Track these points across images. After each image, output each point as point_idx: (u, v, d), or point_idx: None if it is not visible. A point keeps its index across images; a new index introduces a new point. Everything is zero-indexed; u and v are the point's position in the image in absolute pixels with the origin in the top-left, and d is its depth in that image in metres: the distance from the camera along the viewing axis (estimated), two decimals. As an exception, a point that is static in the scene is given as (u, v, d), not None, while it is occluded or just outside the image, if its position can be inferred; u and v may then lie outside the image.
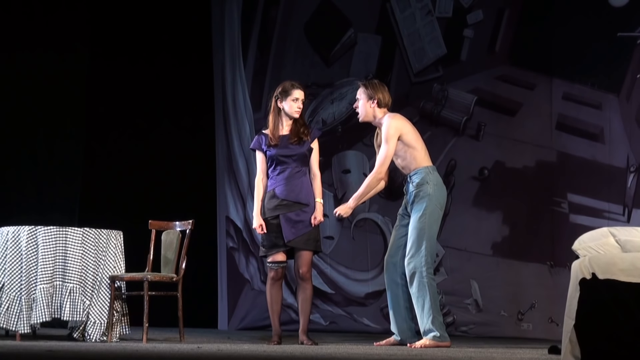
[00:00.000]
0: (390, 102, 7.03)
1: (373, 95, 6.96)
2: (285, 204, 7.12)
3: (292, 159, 7.14)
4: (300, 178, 7.15)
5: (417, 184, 6.88)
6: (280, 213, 7.11)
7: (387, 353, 6.03)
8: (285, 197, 7.12)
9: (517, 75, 8.76)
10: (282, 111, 7.19)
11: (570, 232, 7.90)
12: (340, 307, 9.58)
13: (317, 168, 7.23)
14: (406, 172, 6.98)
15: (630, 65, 8.20)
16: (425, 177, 6.88)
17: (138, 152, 10.38)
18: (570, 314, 4.85)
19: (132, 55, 10.39)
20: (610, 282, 4.74)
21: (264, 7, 10.28)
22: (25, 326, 7.14)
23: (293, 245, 7.13)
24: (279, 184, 7.15)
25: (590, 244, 5.19)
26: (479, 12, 9.05)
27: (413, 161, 6.93)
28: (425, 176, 6.88)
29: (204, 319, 9.94)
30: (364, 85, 7.05)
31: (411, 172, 6.93)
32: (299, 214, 7.11)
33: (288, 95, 7.17)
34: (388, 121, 6.92)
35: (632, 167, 8.16)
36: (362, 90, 7.03)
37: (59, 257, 7.23)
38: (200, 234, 7.99)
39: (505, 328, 8.64)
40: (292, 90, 7.17)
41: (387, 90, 7.05)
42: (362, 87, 7.03)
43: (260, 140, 7.23)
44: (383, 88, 7.03)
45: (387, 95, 7.01)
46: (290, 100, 7.16)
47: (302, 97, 7.19)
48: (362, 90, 7.02)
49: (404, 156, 6.95)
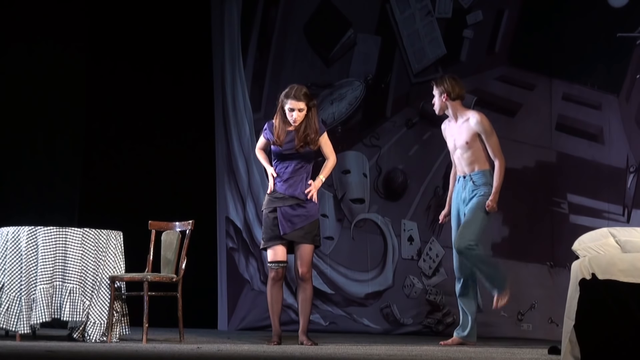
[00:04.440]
0: (463, 93, 7.41)
1: (443, 90, 7.34)
2: (282, 197, 7.15)
3: (295, 156, 7.16)
4: (301, 174, 7.18)
5: (478, 184, 7.27)
6: (277, 206, 7.13)
7: (387, 353, 6.03)
8: (284, 191, 7.15)
9: (516, 75, 8.77)
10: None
11: (570, 232, 7.91)
12: (340, 308, 9.58)
13: (330, 153, 7.26)
14: (467, 169, 7.32)
15: (630, 65, 8.20)
16: (489, 179, 7.26)
17: (138, 153, 10.38)
18: (570, 315, 4.85)
19: (132, 55, 10.39)
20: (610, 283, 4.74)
21: (264, 8, 10.28)
22: (25, 326, 7.14)
23: (290, 239, 7.13)
24: (279, 179, 7.18)
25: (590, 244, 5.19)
26: (479, 13, 9.05)
27: (480, 161, 7.30)
28: (489, 179, 7.26)
29: (203, 320, 9.94)
30: (434, 81, 7.44)
31: (474, 171, 7.30)
32: (295, 208, 7.13)
33: (285, 103, 7.17)
34: (483, 117, 7.33)
35: (632, 168, 8.16)
36: (434, 87, 7.42)
37: (58, 257, 7.22)
38: (200, 234, 7.99)
39: (505, 328, 8.64)
40: (286, 100, 7.16)
41: (458, 83, 7.38)
42: (434, 85, 7.42)
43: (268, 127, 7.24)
44: (454, 82, 7.38)
45: (457, 88, 7.36)
46: (286, 109, 7.17)
47: (301, 107, 7.12)
48: (435, 88, 7.41)
49: (475, 153, 7.29)
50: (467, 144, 7.31)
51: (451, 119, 7.45)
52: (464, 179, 7.35)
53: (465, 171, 7.35)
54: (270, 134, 7.22)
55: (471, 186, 7.29)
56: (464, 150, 7.32)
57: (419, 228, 9.22)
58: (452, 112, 7.40)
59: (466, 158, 7.33)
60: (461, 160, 7.36)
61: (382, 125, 9.51)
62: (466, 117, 7.36)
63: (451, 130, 7.44)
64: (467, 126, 7.33)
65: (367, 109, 9.64)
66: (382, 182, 9.48)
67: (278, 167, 7.22)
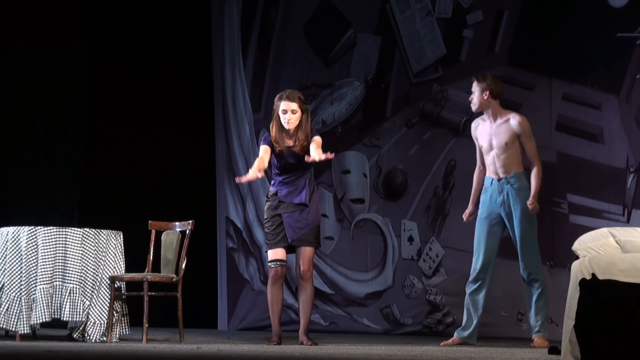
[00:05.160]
0: (503, 92, 7.39)
1: (486, 87, 7.28)
2: (286, 204, 7.16)
3: (295, 166, 7.16)
4: (303, 181, 7.19)
5: (517, 188, 7.24)
6: (282, 212, 7.15)
7: (387, 353, 6.03)
8: (289, 200, 7.17)
9: (516, 75, 8.76)
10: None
11: (570, 232, 7.90)
12: (340, 308, 9.58)
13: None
14: (501, 170, 7.27)
15: (630, 65, 8.20)
16: (524, 183, 7.26)
17: (138, 152, 10.38)
18: (570, 315, 4.85)
19: (131, 55, 10.39)
20: (610, 283, 4.74)
21: (264, 8, 10.27)
22: (25, 326, 7.14)
23: (294, 244, 7.19)
24: (282, 187, 7.20)
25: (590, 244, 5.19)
26: (479, 13, 9.05)
27: (516, 163, 7.27)
28: (524, 182, 7.27)
29: (203, 320, 9.94)
30: (476, 78, 7.36)
31: (510, 174, 7.25)
32: (300, 214, 7.15)
33: (279, 106, 7.16)
34: (524, 119, 7.31)
35: (632, 168, 8.16)
36: (475, 83, 7.34)
37: (58, 257, 7.23)
38: (200, 234, 7.99)
39: (505, 328, 8.64)
40: (280, 102, 7.16)
41: (499, 82, 7.37)
42: (475, 81, 7.35)
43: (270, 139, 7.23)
44: (496, 80, 7.35)
45: (499, 87, 7.33)
46: (280, 111, 7.16)
47: (293, 108, 7.12)
48: (476, 84, 7.33)
49: (512, 156, 7.26)
50: (506, 145, 7.25)
51: (486, 118, 7.36)
52: (499, 182, 7.28)
53: (500, 173, 7.28)
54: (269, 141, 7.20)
55: (511, 191, 7.24)
56: (502, 151, 7.26)
57: (419, 228, 9.22)
58: (492, 111, 7.32)
59: (502, 159, 7.27)
60: (496, 161, 7.29)
61: (382, 125, 9.51)
62: (506, 117, 7.30)
63: (486, 130, 7.36)
64: (507, 127, 7.27)
65: (367, 109, 9.64)
66: (382, 182, 9.47)
67: (280, 177, 7.22)
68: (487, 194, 7.34)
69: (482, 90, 7.29)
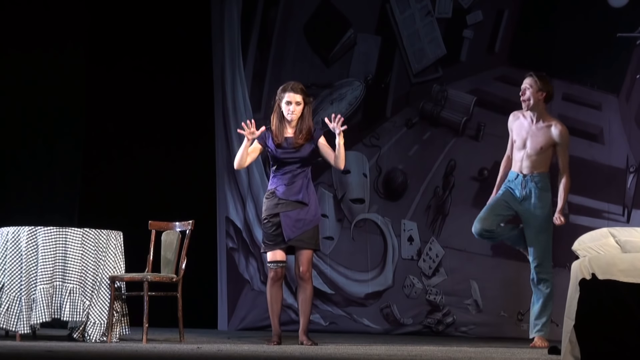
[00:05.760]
0: (552, 100, 7.44)
1: (544, 88, 7.26)
2: (284, 202, 7.14)
3: (295, 161, 7.15)
4: (301, 179, 7.17)
5: (541, 187, 7.24)
6: (279, 211, 7.12)
7: (387, 353, 6.04)
8: (286, 197, 7.14)
9: (516, 75, 8.73)
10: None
11: (570, 232, 7.90)
12: (340, 308, 9.58)
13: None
14: (527, 169, 7.27)
15: (630, 65, 8.20)
16: (548, 184, 7.27)
17: (138, 153, 10.37)
18: (570, 315, 4.85)
19: (131, 56, 10.38)
20: (610, 283, 4.74)
21: (264, 8, 10.27)
22: (25, 326, 7.14)
23: (293, 244, 7.14)
24: (280, 184, 7.17)
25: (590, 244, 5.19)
26: (479, 13, 9.05)
27: (543, 165, 7.28)
28: (547, 183, 7.28)
29: (203, 320, 9.93)
30: (537, 76, 7.28)
31: (534, 172, 7.26)
32: (298, 212, 7.12)
33: (282, 97, 7.17)
34: (565, 129, 7.26)
35: (632, 168, 8.16)
36: (533, 80, 7.27)
37: (58, 257, 7.23)
38: (200, 234, 7.99)
39: (505, 328, 8.64)
40: (283, 94, 7.17)
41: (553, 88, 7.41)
42: (535, 78, 7.28)
43: (266, 135, 7.22)
44: (551, 83, 7.36)
45: (552, 93, 7.37)
46: (283, 103, 7.16)
47: (297, 100, 7.14)
48: (534, 81, 7.27)
49: (543, 159, 7.27)
50: (540, 149, 7.24)
51: (527, 116, 7.33)
52: (524, 179, 7.29)
53: (525, 171, 7.29)
54: (269, 136, 7.19)
55: (535, 190, 7.25)
56: (535, 152, 7.26)
57: (419, 228, 9.22)
58: (538, 113, 7.27)
59: (533, 160, 7.27)
60: (525, 160, 7.29)
61: (382, 125, 9.51)
62: (549, 123, 7.27)
63: (524, 127, 7.32)
64: (547, 132, 7.25)
65: (367, 109, 9.64)
66: (382, 182, 9.47)
67: (278, 173, 7.20)
68: (511, 184, 7.35)
69: (539, 89, 7.24)
